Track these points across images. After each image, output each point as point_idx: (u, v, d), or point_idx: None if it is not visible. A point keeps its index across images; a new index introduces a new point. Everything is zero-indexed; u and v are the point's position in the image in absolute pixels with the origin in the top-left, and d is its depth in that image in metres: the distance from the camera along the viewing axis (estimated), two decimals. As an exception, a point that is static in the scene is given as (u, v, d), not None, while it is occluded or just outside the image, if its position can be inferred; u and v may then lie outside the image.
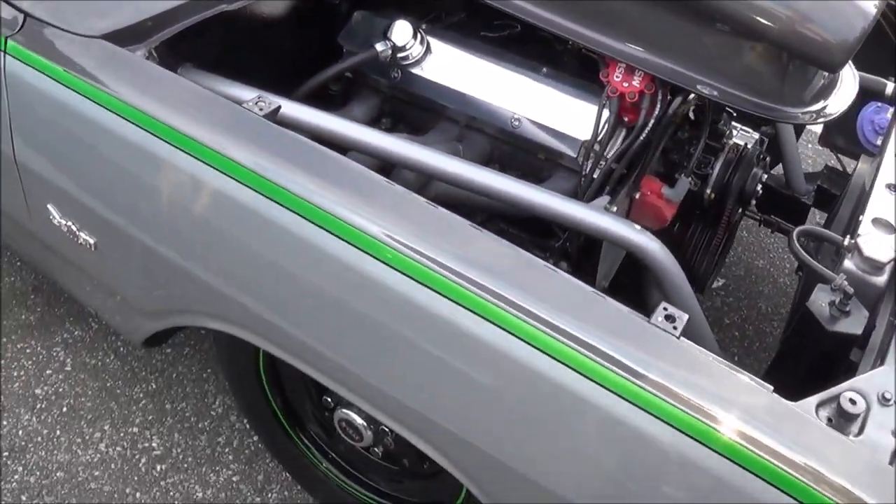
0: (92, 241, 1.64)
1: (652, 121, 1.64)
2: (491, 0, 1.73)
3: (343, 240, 1.23)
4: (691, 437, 1.05)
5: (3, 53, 1.60)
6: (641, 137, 1.65)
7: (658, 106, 1.64)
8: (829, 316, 1.33)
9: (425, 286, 1.17)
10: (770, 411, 1.09)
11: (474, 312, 1.15)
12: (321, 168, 1.33)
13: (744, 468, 1.03)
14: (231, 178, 1.33)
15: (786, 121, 1.72)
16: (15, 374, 2.21)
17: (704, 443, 1.05)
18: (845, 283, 1.34)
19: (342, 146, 1.51)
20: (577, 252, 1.73)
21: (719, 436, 1.04)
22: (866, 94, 2.01)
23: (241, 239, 1.37)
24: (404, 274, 1.19)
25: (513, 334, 1.13)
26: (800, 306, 1.40)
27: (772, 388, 1.12)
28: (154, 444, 2.08)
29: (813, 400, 1.13)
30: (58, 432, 2.09)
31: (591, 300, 1.20)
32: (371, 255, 1.21)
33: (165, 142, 1.38)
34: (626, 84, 1.64)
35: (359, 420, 1.63)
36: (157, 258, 1.53)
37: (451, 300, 1.16)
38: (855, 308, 1.35)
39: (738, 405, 1.08)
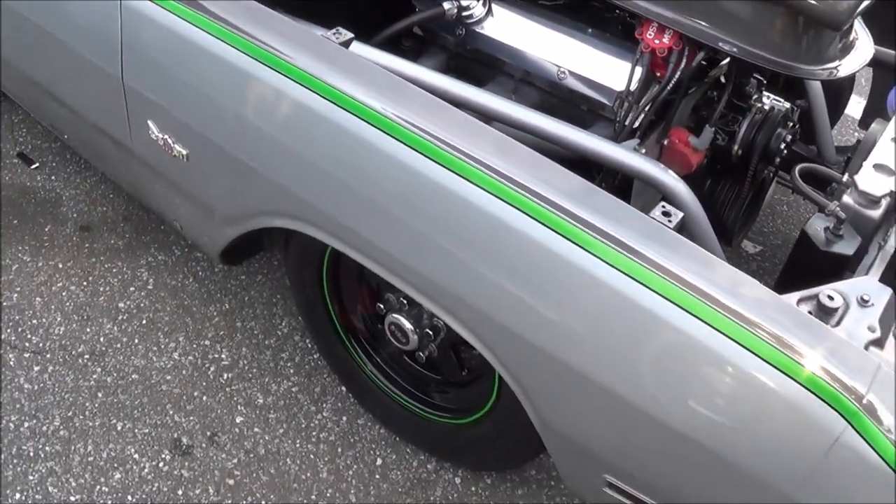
0: (185, 153, 1.92)
1: (678, 73, 1.87)
2: None
3: (406, 145, 1.48)
4: (687, 311, 1.26)
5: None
6: (669, 87, 1.87)
7: (684, 61, 1.86)
8: (825, 239, 1.55)
9: (475, 184, 1.42)
10: (754, 296, 1.30)
11: (510, 203, 1.39)
12: (390, 86, 1.60)
13: (722, 333, 1.24)
14: (309, 89, 1.60)
15: (801, 76, 1.90)
16: (101, 289, 2.52)
17: (702, 318, 1.25)
18: (838, 209, 1.56)
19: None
20: (611, 191, 1.95)
21: (710, 309, 1.25)
22: (876, 64, 2.21)
23: (313, 145, 1.64)
24: (457, 174, 1.43)
25: (538, 220, 1.36)
26: None
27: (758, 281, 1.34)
28: (223, 356, 2.36)
29: (795, 295, 1.33)
30: (136, 341, 2.38)
31: (604, 197, 1.43)
32: (429, 158, 1.46)
33: (252, 58, 1.66)
34: (657, 41, 1.87)
35: (406, 324, 1.88)
36: (240, 166, 1.80)
37: (494, 195, 1.40)
38: (848, 233, 1.57)
39: (724, 287, 1.29)
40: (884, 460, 1.14)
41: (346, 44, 1.74)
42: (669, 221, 1.41)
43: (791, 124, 2.10)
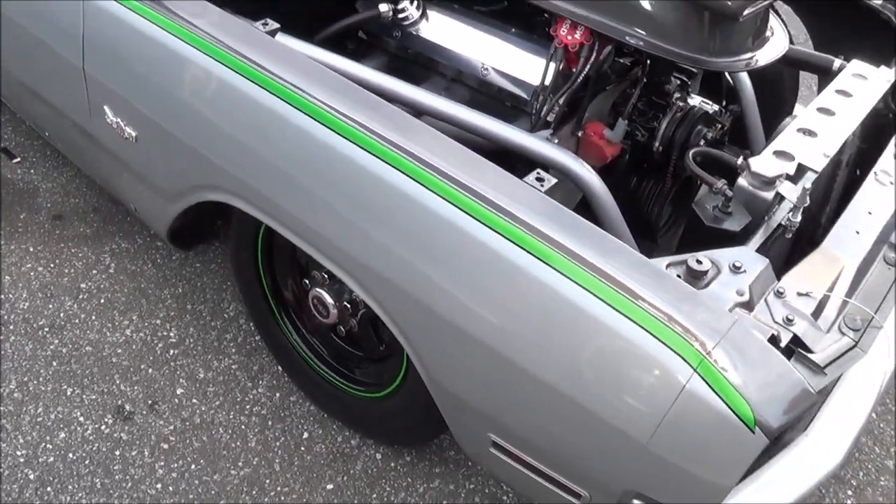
0: (134, 135, 2.17)
1: (588, 67, 2.09)
2: None
3: (319, 122, 1.69)
4: (552, 268, 1.44)
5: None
6: (579, 80, 2.10)
7: (594, 55, 2.09)
8: (712, 216, 1.75)
9: (378, 157, 1.62)
10: (625, 260, 1.47)
11: (414, 178, 1.58)
12: (307, 69, 1.83)
13: (585, 288, 1.41)
14: (234, 70, 1.84)
15: (711, 69, 2.11)
16: (66, 270, 2.76)
17: (570, 276, 1.42)
18: (725, 188, 1.76)
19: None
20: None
21: (575, 267, 1.42)
22: (815, 70, 2.42)
23: (237, 122, 1.87)
24: (360, 146, 1.64)
25: (429, 188, 1.56)
26: None
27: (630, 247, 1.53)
28: (171, 334, 2.58)
29: (665, 259, 1.51)
30: (93, 318, 2.62)
31: (486, 167, 1.65)
32: (338, 133, 1.67)
33: (187, 43, 1.91)
34: (569, 37, 2.09)
35: (328, 298, 2.11)
36: (179, 144, 2.04)
37: (399, 170, 1.60)
38: (738, 211, 1.76)
39: (591, 247, 1.46)
40: (730, 408, 1.29)
41: (272, 33, 1.98)
42: (542, 186, 1.63)
43: (719, 126, 2.29)
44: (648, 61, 2.23)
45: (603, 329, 1.39)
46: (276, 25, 2.00)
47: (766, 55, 2.13)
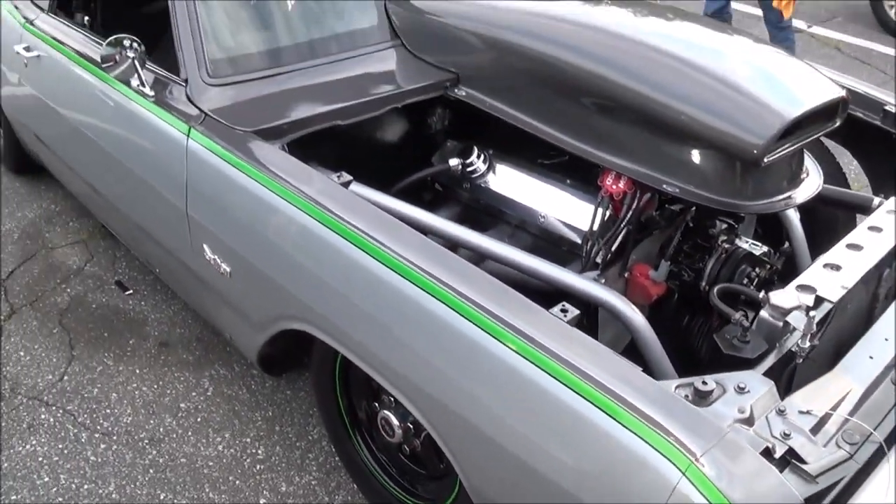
0: (228, 270, 2.54)
1: (631, 213, 2.38)
2: (531, 130, 2.59)
3: (400, 274, 1.98)
4: (565, 384, 1.69)
5: (187, 137, 2.59)
6: (624, 225, 2.38)
7: (636, 202, 2.38)
8: (731, 344, 1.98)
9: (442, 301, 1.90)
10: (632, 379, 1.72)
11: (462, 315, 1.86)
12: (376, 218, 2.15)
13: (599, 407, 1.64)
14: (311, 217, 2.19)
15: (744, 212, 2.38)
16: (168, 391, 3.13)
17: (576, 390, 1.67)
18: (742, 319, 2.00)
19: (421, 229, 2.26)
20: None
21: (585, 385, 1.66)
22: (856, 209, 2.63)
23: (316, 262, 2.20)
24: (438, 298, 1.91)
25: (478, 325, 1.83)
26: None
27: (641, 368, 1.78)
28: (259, 452, 2.89)
29: (673, 382, 1.76)
30: (189, 433, 2.95)
31: (516, 298, 1.93)
32: (403, 276, 1.97)
33: (275, 193, 2.28)
34: (614, 186, 2.40)
35: (393, 419, 2.38)
36: (266, 280, 2.40)
37: (448, 305, 1.88)
38: (756, 340, 1.99)
39: (607, 370, 1.71)
40: None
41: (346, 184, 2.34)
42: (565, 316, 1.90)
43: (769, 266, 2.52)
44: (693, 208, 2.49)
45: (611, 442, 1.62)
46: (349, 178, 2.35)
47: (802, 194, 2.37)
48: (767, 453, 1.60)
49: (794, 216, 2.78)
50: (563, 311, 1.91)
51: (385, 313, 2.03)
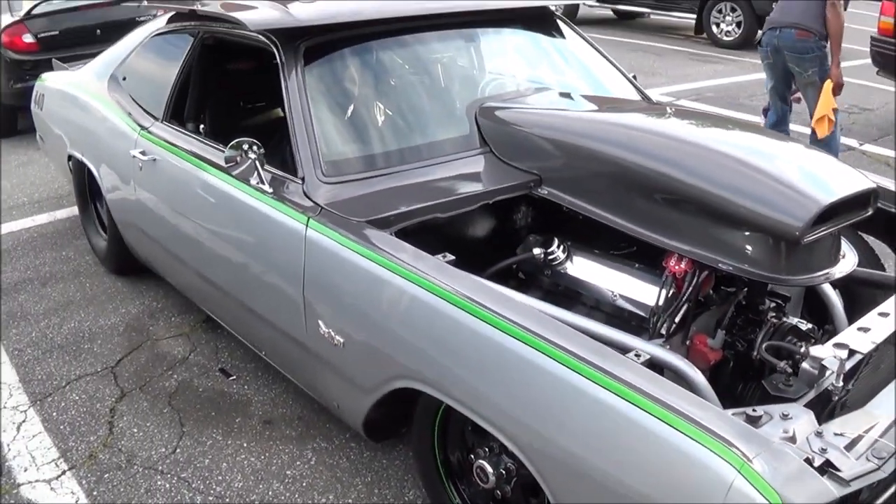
0: (342, 341, 3.00)
1: (691, 289, 2.83)
2: (606, 222, 3.08)
3: (503, 331, 2.41)
4: (640, 408, 2.10)
5: (306, 227, 3.10)
6: (685, 300, 2.83)
7: (695, 280, 2.83)
8: (776, 387, 2.42)
9: (544, 353, 2.31)
10: (700, 405, 2.14)
11: (555, 359, 2.28)
12: (490, 292, 2.60)
13: (677, 429, 2.04)
14: (421, 287, 2.66)
15: (789, 285, 2.81)
16: (274, 461, 3.55)
17: (649, 411, 2.08)
18: (786, 367, 2.44)
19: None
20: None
21: (658, 407, 2.07)
22: (888, 289, 3.05)
23: (437, 330, 2.61)
24: (537, 349, 2.32)
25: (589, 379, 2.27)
26: None
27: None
28: (359, 513, 3.31)
29: (729, 410, 2.20)
30: (296, 496, 3.36)
31: (601, 347, 2.37)
32: (508, 334, 2.39)
33: (394, 273, 2.75)
34: (676, 267, 2.86)
35: (487, 466, 2.79)
36: (376, 350, 2.87)
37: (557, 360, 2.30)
38: (798, 385, 2.43)
39: (677, 396, 2.14)
40: (763, 496, 1.85)
41: (451, 262, 2.82)
42: (638, 359, 2.34)
43: (812, 339, 2.94)
44: (745, 289, 2.94)
45: (682, 453, 2.02)
46: (452, 258, 2.83)
47: (839, 271, 2.82)
48: (808, 462, 1.98)
49: (835, 298, 3.21)
50: (637, 355, 2.35)
51: (488, 365, 2.46)
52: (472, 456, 2.84)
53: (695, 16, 14.39)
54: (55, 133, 5.54)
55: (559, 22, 4.43)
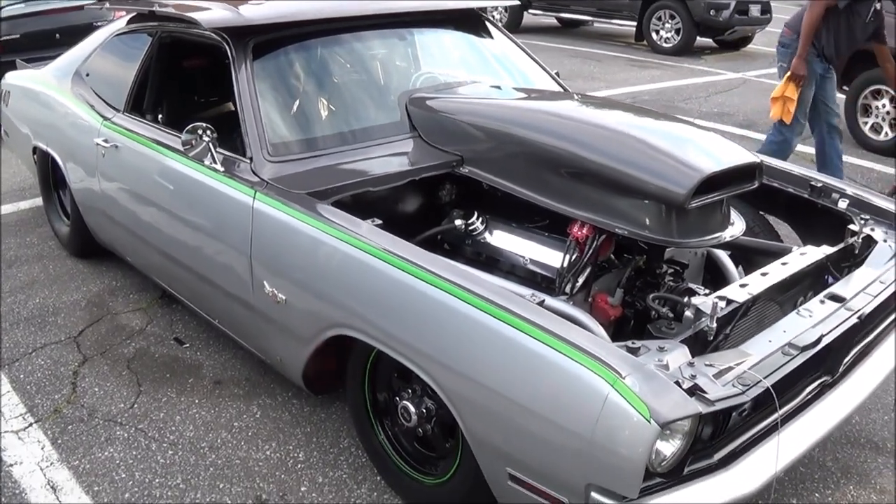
0: (284, 298, 3.40)
1: (591, 252, 3.25)
2: (520, 195, 3.49)
3: (423, 280, 2.79)
4: (533, 337, 2.49)
5: (253, 199, 3.49)
6: (586, 261, 3.25)
7: (595, 244, 3.25)
8: (659, 330, 2.83)
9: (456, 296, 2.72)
10: (587, 337, 2.52)
11: (464, 301, 2.68)
12: (413, 250, 2.97)
13: (560, 352, 2.46)
14: (362, 250, 3.01)
15: (680, 247, 3.24)
16: (223, 414, 3.90)
17: (540, 339, 2.47)
18: (668, 312, 2.85)
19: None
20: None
21: (546, 335, 2.47)
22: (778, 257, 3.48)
23: (367, 282, 2.99)
24: (453, 294, 2.71)
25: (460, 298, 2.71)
26: None
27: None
28: (300, 456, 3.62)
29: (612, 343, 2.60)
30: (242, 443, 3.72)
31: (504, 292, 2.78)
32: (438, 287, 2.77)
33: (332, 235, 3.13)
34: (579, 232, 3.27)
35: (410, 406, 3.18)
36: (318, 300, 3.26)
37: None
38: (679, 329, 2.83)
39: (564, 327, 2.55)
40: (635, 409, 2.24)
41: (379, 226, 3.21)
42: (534, 299, 2.75)
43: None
44: (644, 256, 3.37)
45: (567, 372, 2.42)
46: (380, 222, 3.23)
47: (728, 235, 3.25)
48: (677, 385, 2.38)
49: (732, 267, 3.66)
50: (533, 296, 2.76)
51: (409, 310, 2.86)
52: (397, 398, 3.23)
53: (635, 23, 14.85)
54: (20, 127, 5.88)
55: (487, 24, 4.86)
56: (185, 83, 5.15)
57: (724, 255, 3.69)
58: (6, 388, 4.17)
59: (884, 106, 8.32)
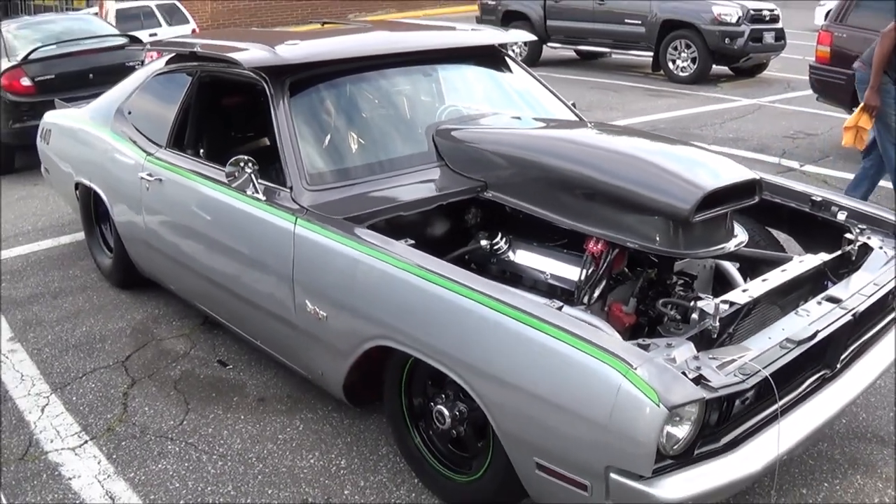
0: (325, 315, 3.76)
1: (605, 265, 3.60)
2: (540, 216, 3.84)
3: (452, 291, 3.15)
4: (554, 337, 2.83)
5: (294, 224, 3.86)
6: (601, 274, 3.61)
7: (610, 258, 3.60)
8: (668, 331, 3.17)
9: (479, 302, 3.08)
10: (604, 335, 2.85)
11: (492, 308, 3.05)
12: (446, 267, 3.31)
13: (582, 351, 2.79)
14: (398, 267, 3.37)
15: (686, 257, 3.59)
16: (267, 428, 4.25)
17: (561, 339, 2.80)
18: (675, 314, 3.18)
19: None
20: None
21: (566, 335, 2.82)
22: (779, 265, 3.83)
23: (402, 296, 3.33)
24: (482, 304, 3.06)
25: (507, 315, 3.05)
26: None
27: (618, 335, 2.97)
28: (342, 463, 3.95)
29: (624, 342, 2.95)
30: (287, 454, 4.05)
31: (527, 298, 3.13)
32: (477, 302, 3.11)
33: (369, 255, 3.50)
34: (594, 248, 3.62)
35: (444, 410, 3.53)
36: (358, 315, 3.62)
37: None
38: (687, 329, 3.14)
39: (582, 329, 2.89)
40: (645, 395, 2.57)
41: (413, 245, 3.57)
42: (553, 304, 3.08)
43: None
44: (656, 268, 3.72)
45: (585, 366, 2.74)
46: (412, 242, 3.59)
47: (732, 245, 3.57)
48: (683, 374, 2.72)
49: (740, 279, 3.99)
50: (552, 302, 3.10)
51: (442, 319, 3.18)
52: (432, 403, 3.57)
53: (652, 53, 15.23)
54: (61, 164, 6.30)
55: (507, 58, 5.26)
56: (224, 119, 5.55)
57: (732, 268, 4.03)
58: (60, 410, 4.52)
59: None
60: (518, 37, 6.56)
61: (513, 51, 4.93)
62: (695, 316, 3.17)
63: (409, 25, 5.96)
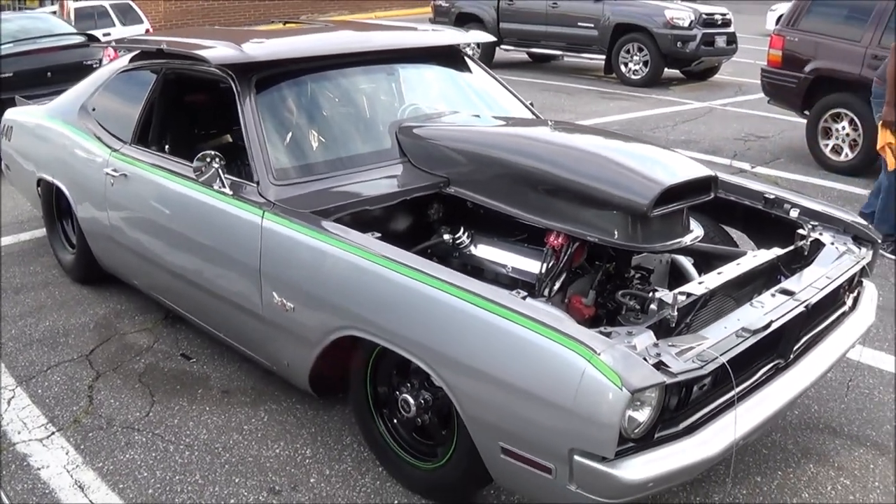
0: (292, 306, 3.81)
1: (565, 259, 3.69)
2: (501, 211, 3.92)
3: (416, 279, 3.25)
4: (519, 324, 2.92)
5: (262, 218, 3.91)
6: (562, 267, 3.70)
7: (569, 251, 3.70)
8: (628, 321, 3.25)
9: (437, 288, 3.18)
10: (567, 322, 2.95)
11: (457, 297, 3.13)
12: (411, 258, 3.41)
13: (544, 336, 2.86)
14: (365, 258, 3.44)
15: (644, 251, 3.69)
16: (232, 419, 4.28)
17: (526, 325, 2.89)
18: (635, 304, 3.29)
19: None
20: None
21: (531, 322, 2.90)
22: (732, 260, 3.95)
23: (369, 286, 3.42)
24: (446, 291, 3.14)
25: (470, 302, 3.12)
26: None
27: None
28: (307, 452, 4.02)
29: (589, 331, 3.04)
30: (253, 443, 4.09)
31: (492, 288, 3.21)
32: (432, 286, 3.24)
33: (336, 246, 3.57)
34: (554, 241, 3.71)
35: (409, 398, 3.60)
36: (325, 305, 3.67)
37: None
38: (646, 319, 3.24)
39: (546, 315, 2.97)
40: (608, 379, 2.66)
41: (378, 238, 3.64)
42: (519, 294, 3.16)
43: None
44: (614, 262, 3.81)
45: (550, 352, 2.82)
46: (379, 235, 3.66)
47: (687, 240, 3.68)
48: (645, 361, 2.82)
49: (693, 271, 4.11)
50: (518, 292, 3.18)
51: (407, 307, 3.26)
52: (397, 392, 3.64)
53: (604, 57, 15.42)
54: (23, 161, 6.28)
55: (466, 59, 5.34)
56: (188, 116, 5.58)
57: (687, 263, 4.14)
58: (26, 402, 4.52)
59: (843, 128, 8.82)
60: (478, 37, 6.63)
61: (465, 54, 5.00)
62: (653, 306, 3.26)
63: (372, 25, 6.03)
